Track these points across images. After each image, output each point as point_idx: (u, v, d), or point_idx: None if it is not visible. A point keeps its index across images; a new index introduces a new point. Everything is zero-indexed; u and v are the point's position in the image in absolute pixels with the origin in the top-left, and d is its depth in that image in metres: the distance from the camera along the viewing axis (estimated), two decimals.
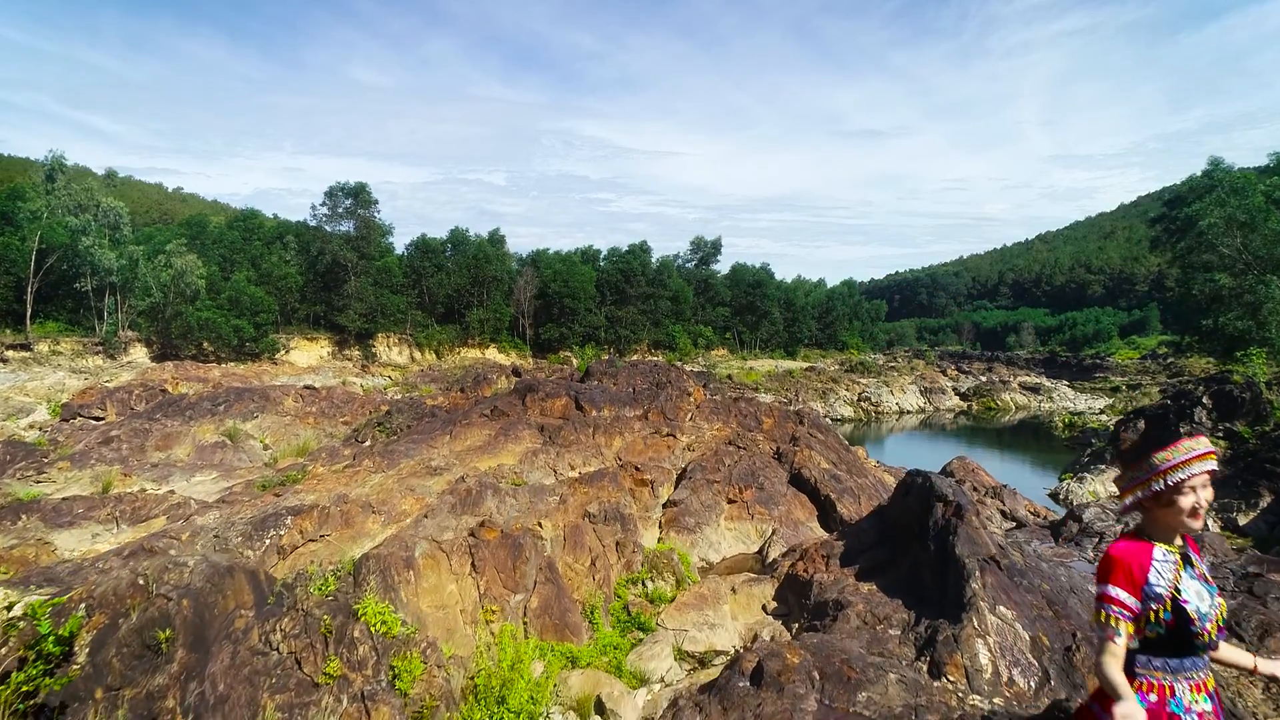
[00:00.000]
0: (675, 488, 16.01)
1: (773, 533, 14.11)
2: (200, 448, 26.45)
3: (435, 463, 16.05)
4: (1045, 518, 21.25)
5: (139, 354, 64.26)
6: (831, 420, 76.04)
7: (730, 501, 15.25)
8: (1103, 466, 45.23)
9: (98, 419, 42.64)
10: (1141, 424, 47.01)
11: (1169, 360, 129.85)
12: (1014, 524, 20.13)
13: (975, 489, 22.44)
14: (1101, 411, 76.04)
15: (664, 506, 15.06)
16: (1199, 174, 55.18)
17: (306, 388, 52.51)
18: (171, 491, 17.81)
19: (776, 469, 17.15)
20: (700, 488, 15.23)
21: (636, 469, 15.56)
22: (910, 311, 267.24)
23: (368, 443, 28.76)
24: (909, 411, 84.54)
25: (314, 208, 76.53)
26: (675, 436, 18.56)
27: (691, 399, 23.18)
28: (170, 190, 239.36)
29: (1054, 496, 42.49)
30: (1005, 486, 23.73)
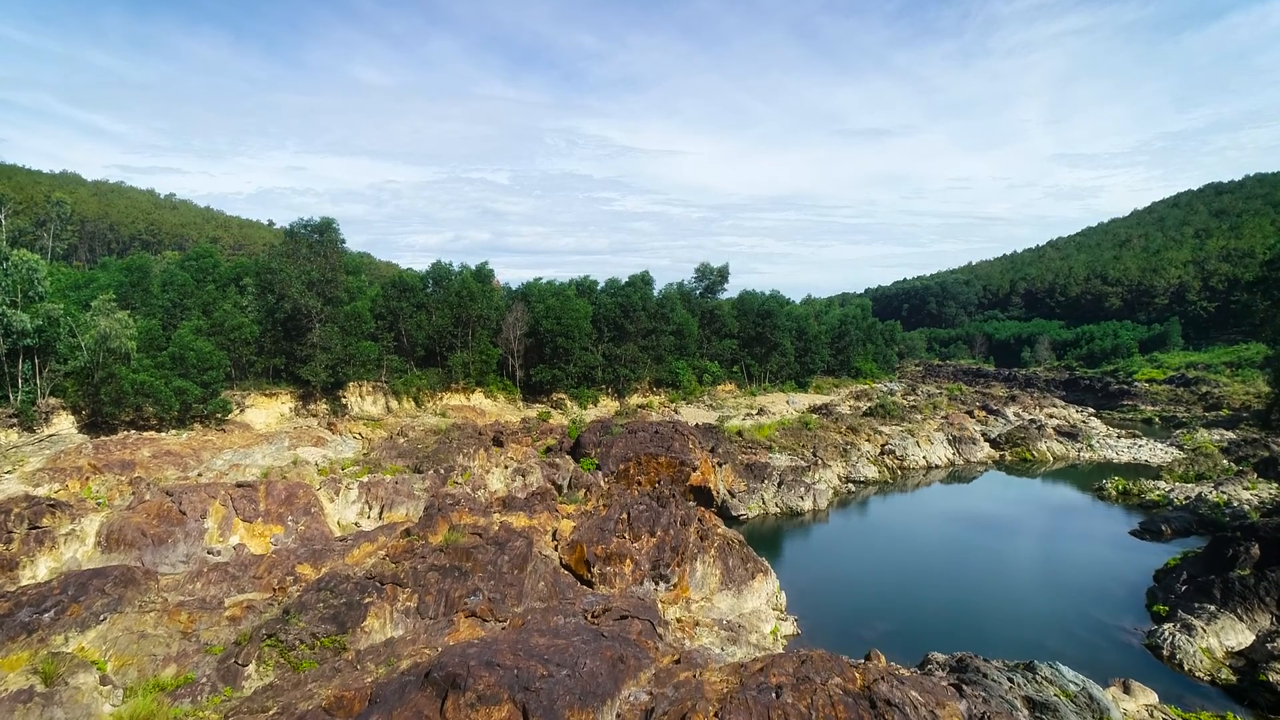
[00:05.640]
0: None
1: None
2: None
3: None
4: None
5: (64, 423, 56.06)
6: (855, 484, 67.69)
7: None
8: (1210, 606, 36.54)
9: None
10: (1255, 549, 38.74)
11: (1204, 391, 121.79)
12: None
13: None
14: (1158, 475, 67.54)
15: None
16: None
17: (239, 486, 44.16)
18: None
19: None
20: None
21: None
22: (920, 321, 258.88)
23: (249, 667, 20.58)
24: (937, 466, 76.01)
25: (272, 247, 68.24)
26: None
27: (714, 691, 14.85)
28: (162, 197, 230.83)
29: (1155, 650, 33.93)
30: None
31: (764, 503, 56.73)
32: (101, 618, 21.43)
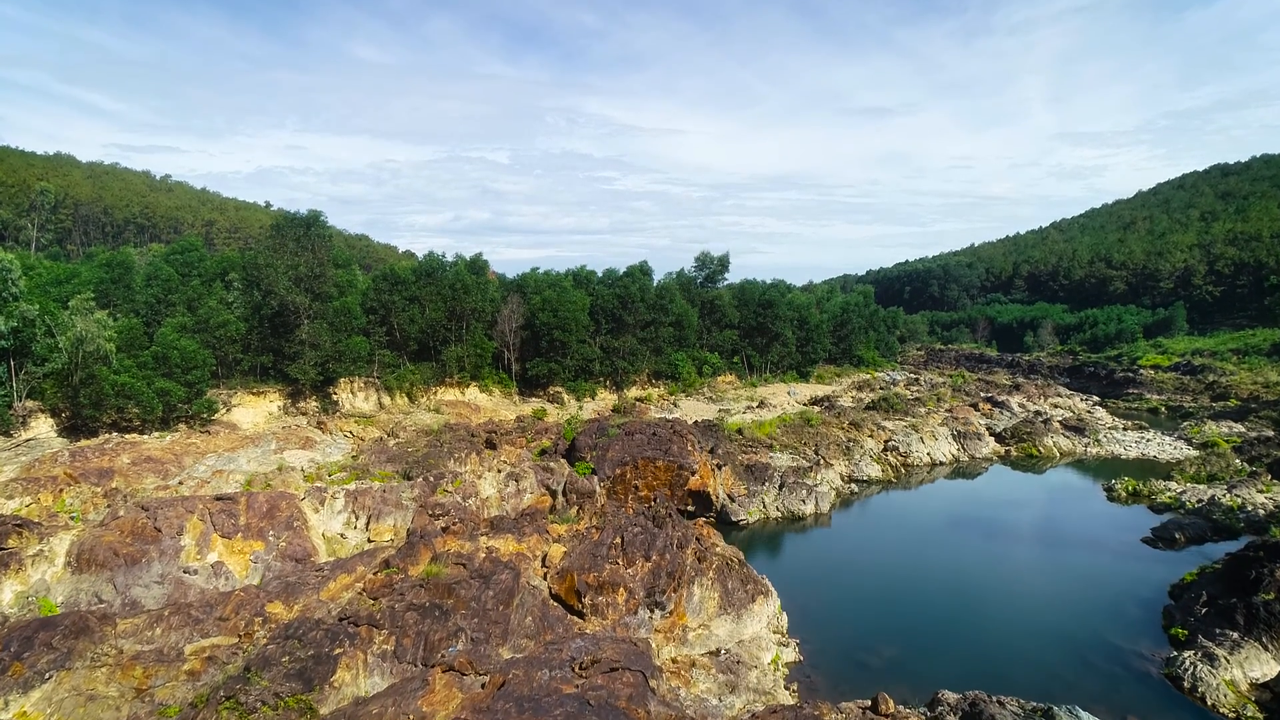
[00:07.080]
0: None
1: None
2: None
3: None
4: None
5: (42, 426, 54.38)
6: (858, 484, 65.98)
7: None
8: (1233, 634, 34.53)
9: None
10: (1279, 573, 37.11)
11: (1211, 380, 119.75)
12: None
13: None
14: (1168, 474, 65.79)
15: None
16: None
17: (218, 499, 42.50)
18: None
19: None
20: None
21: None
22: (921, 304, 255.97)
23: None
24: (941, 463, 74.22)
25: (260, 239, 66.07)
26: None
27: None
28: (157, 179, 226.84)
29: (1175, 680, 32.10)
30: None
31: (764, 507, 55.17)
32: (47, 676, 19.82)
